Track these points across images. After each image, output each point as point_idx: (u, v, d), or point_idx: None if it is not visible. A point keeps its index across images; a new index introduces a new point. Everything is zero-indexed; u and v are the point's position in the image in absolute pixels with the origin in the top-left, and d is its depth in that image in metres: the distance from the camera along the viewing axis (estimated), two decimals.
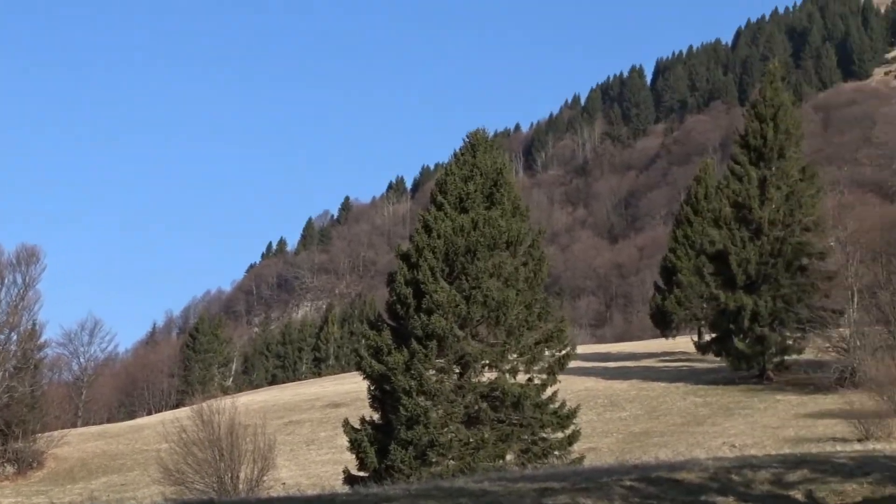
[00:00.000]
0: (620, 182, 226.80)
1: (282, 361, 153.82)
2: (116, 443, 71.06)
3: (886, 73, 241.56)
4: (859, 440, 38.93)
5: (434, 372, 37.31)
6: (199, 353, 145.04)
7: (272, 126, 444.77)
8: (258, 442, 41.64)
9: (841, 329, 59.74)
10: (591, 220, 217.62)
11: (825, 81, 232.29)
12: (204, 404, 43.35)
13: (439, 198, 39.45)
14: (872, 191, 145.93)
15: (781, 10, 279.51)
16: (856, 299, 59.49)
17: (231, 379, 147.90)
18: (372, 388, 38.21)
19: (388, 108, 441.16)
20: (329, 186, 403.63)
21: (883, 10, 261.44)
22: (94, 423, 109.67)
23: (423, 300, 37.37)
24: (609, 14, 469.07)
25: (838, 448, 34.19)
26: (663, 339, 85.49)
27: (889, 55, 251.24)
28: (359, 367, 38.94)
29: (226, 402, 44.85)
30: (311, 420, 68.03)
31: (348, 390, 74.07)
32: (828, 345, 59.08)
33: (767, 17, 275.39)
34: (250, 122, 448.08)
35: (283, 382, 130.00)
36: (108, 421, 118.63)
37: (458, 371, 38.15)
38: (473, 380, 37.90)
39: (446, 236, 37.94)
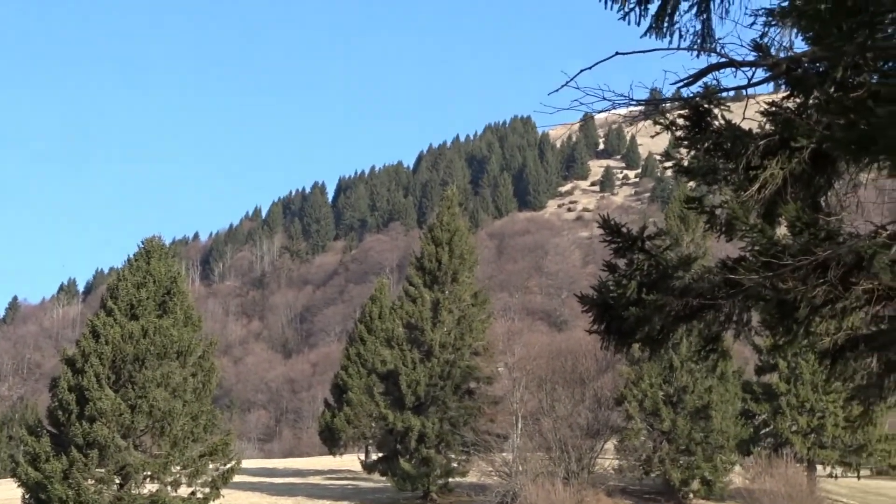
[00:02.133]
0: (297, 297, 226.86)
1: None
2: None
3: (559, 206, 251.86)
4: None
5: (93, 482, 36.19)
6: None
7: None
8: None
9: (504, 454, 60.92)
10: (266, 334, 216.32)
11: (501, 210, 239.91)
12: None
13: (109, 303, 38.56)
14: (542, 319, 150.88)
15: (462, 138, 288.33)
16: (520, 425, 60.89)
17: None
18: (27, 496, 36.71)
19: (63, 207, 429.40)
20: None
21: (558, 145, 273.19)
22: None
23: (86, 407, 36.29)
24: (293, 129, 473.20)
25: None
26: (331, 457, 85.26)
27: (562, 188, 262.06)
28: (14, 475, 37.34)
29: None
30: None
31: (3, 498, 70.69)
32: (491, 469, 60.10)
33: (449, 144, 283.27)
34: None
35: None
36: None
37: (118, 482, 37.10)
38: (134, 491, 36.93)
39: (114, 343, 37.03)
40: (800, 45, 9.19)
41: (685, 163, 9.95)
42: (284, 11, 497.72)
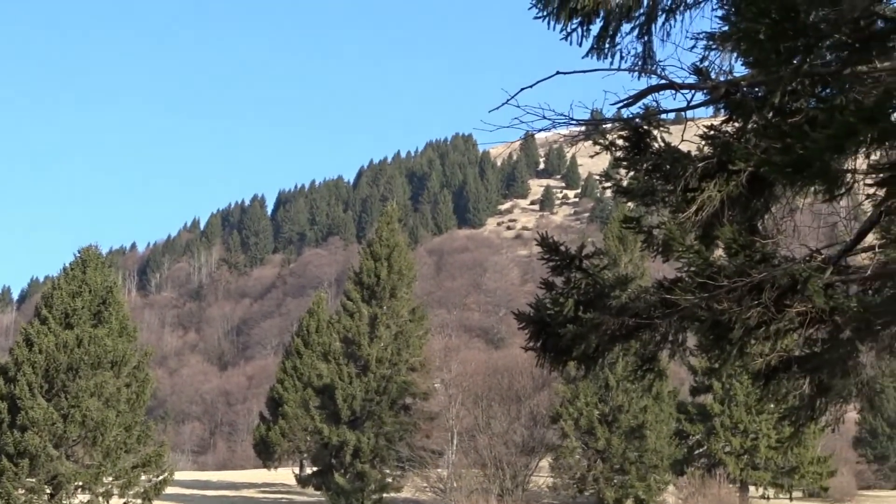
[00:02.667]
0: (234, 309, 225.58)
1: None
2: None
3: (499, 224, 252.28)
4: None
5: (24, 492, 35.89)
6: None
7: None
8: None
9: (439, 470, 60.95)
10: (202, 346, 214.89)
11: (441, 226, 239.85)
12: None
13: (44, 312, 38.26)
14: (479, 336, 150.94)
15: (403, 154, 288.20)
16: (455, 441, 60.95)
17: None
18: None
19: None
20: None
21: (499, 164, 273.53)
22: None
23: (17, 416, 35.99)
24: (233, 141, 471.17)
25: None
26: (265, 470, 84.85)
27: (502, 206, 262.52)
28: None
29: None
30: None
31: None
32: (426, 484, 60.11)
33: (390, 160, 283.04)
34: None
35: None
36: None
37: (49, 492, 36.81)
38: (65, 502, 36.67)
39: (48, 352, 36.73)
40: (739, 70, 9.31)
41: (624, 183, 10.02)
42: (227, 21, 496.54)
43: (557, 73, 9.71)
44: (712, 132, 9.50)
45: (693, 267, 9.02)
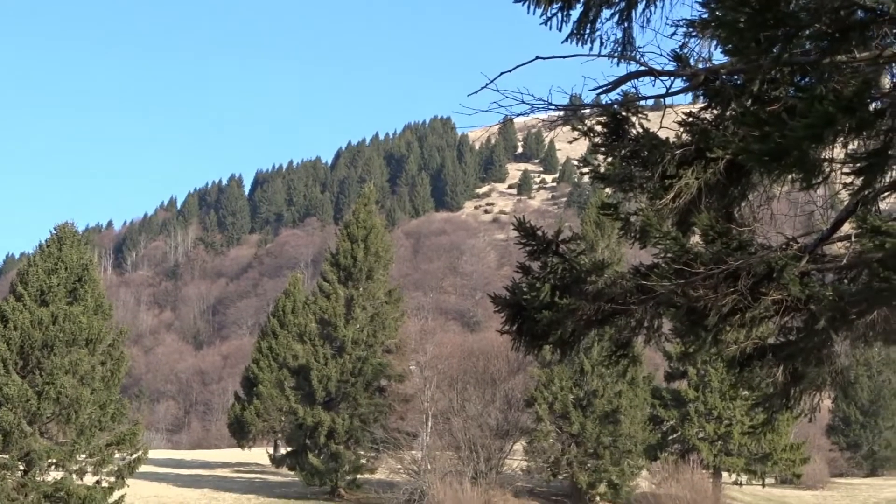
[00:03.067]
0: (210, 288, 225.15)
1: None
2: None
3: (476, 207, 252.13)
4: None
5: None
6: None
7: None
8: None
9: (414, 452, 61.01)
10: (177, 324, 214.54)
11: (418, 209, 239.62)
12: None
13: (19, 288, 38.14)
14: (455, 319, 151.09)
15: (381, 136, 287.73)
16: (430, 423, 61.01)
17: None
18: None
19: None
20: None
21: (477, 147, 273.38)
22: None
23: None
24: (211, 120, 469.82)
25: None
26: (239, 450, 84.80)
27: (480, 190, 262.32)
28: None
29: None
30: None
31: None
32: (400, 466, 60.16)
33: (368, 141, 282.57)
34: None
35: None
36: None
37: (22, 468, 36.73)
38: (38, 478, 36.60)
39: (23, 328, 36.63)
40: (719, 58, 9.30)
41: (602, 169, 10.01)
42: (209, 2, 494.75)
43: (537, 58, 9.69)
44: (691, 119, 9.49)
45: (670, 253, 9.03)
